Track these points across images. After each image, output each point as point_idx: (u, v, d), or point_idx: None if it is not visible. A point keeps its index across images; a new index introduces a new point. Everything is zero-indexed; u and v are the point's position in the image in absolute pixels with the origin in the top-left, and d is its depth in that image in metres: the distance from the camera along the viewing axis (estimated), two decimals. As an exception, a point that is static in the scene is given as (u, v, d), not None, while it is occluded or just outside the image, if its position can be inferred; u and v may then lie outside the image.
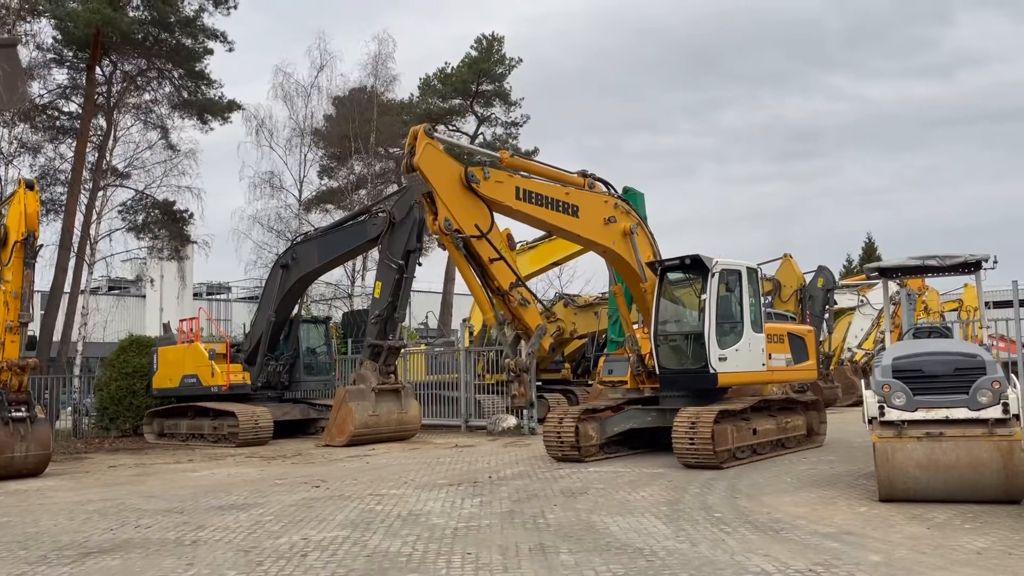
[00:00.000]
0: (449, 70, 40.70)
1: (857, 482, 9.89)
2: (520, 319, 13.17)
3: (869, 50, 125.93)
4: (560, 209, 12.50)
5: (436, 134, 12.41)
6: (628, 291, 14.09)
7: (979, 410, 8.17)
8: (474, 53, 40.62)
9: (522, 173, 12.73)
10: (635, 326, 13.87)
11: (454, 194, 11.92)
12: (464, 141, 40.14)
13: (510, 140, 42.02)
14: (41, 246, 13.62)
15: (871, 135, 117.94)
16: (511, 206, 12.27)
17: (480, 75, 40.30)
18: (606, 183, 13.56)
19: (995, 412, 8.11)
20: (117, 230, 28.33)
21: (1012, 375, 9.16)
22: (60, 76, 27.16)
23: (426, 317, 32.89)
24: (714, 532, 7.26)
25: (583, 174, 13.38)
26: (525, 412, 18.39)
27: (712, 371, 12.05)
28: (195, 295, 48.75)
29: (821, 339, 23.16)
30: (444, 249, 14.02)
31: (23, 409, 12.81)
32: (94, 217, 26.94)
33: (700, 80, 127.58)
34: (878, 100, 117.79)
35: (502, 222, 13.21)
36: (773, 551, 6.51)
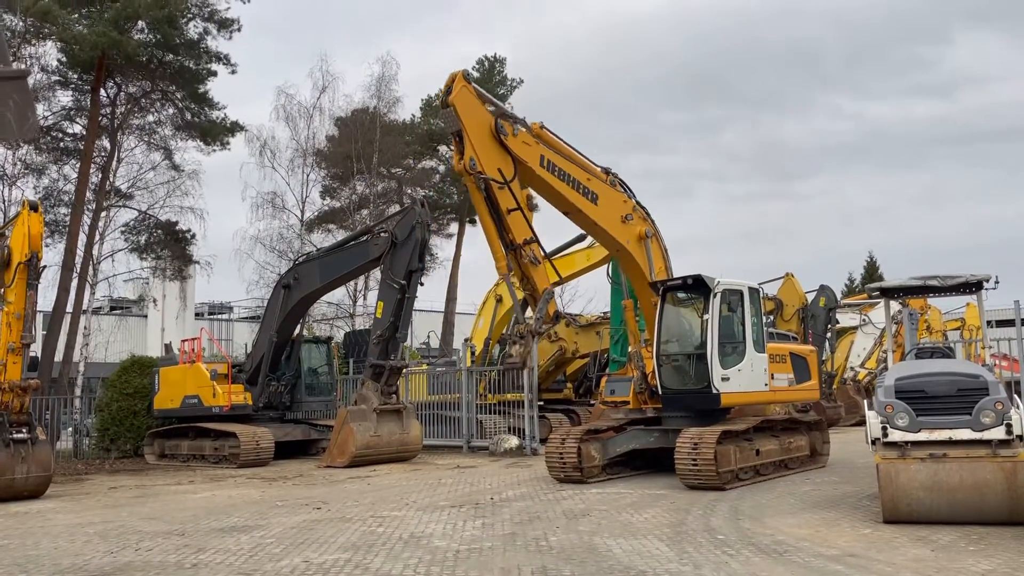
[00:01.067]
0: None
1: (860, 503, 9.84)
2: (529, 278, 12.76)
3: (868, 70, 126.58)
4: (580, 191, 12.68)
5: (473, 84, 12.57)
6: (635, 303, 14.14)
7: (982, 431, 8.15)
8: (476, 74, 40.88)
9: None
10: (643, 342, 13.86)
11: (482, 138, 12.02)
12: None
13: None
14: (44, 267, 13.64)
15: (871, 154, 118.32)
16: (534, 170, 12.39)
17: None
18: (627, 187, 13.64)
19: (998, 433, 8.09)
20: (120, 251, 28.47)
21: (1015, 395, 9.13)
22: (65, 98, 27.43)
23: (428, 337, 32.88)
24: (717, 555, 7.22)
25: (606, 171, 13.47)
26: (526, 432, 18.34)
27: (715, 391, 12.03)
28: (197, 315, 48.79)
29: (823, 359, 23.15)
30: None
31: (24, 431, 12.79)
32: (97, 238, 27.06)
33: (699, 100, 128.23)
34: (878, 119, 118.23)
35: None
36: (777, 573, 6.47)
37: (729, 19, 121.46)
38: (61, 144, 27.36)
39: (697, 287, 12.58)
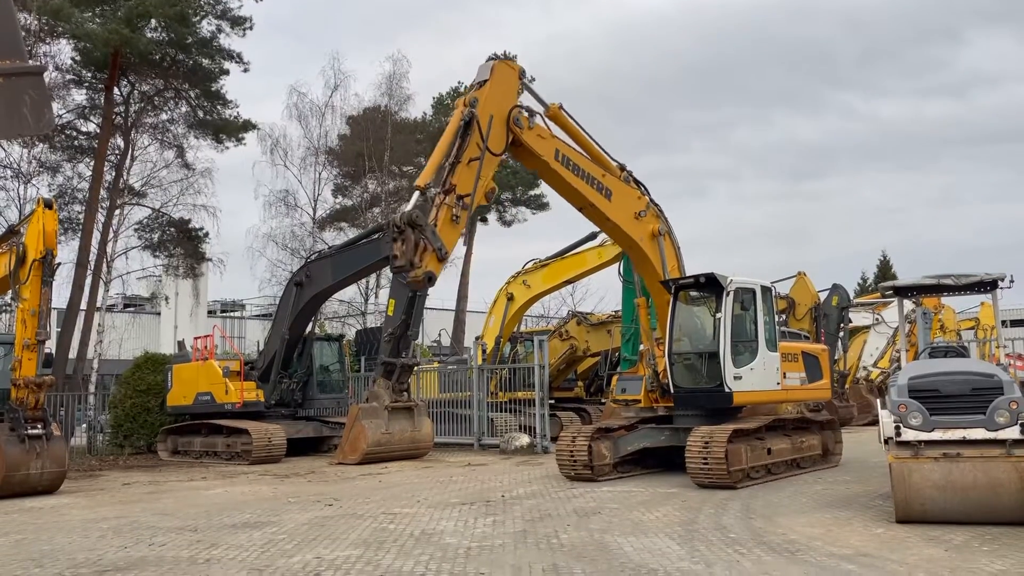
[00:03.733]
0: (463, 89, 40.97)
1: (873, 503, 9.79)
2: (440, 232, 11.99)
3: (882, 69, 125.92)
4: (594, 186, 12.66)
5: (524, 79, 12.67)
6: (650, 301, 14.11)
7: (997, 431, 8.09)
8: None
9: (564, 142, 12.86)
10: (657, 342, 13.83)
11: (493, 98, 12.16)
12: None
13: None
14: (59, 264, 13.73)
15: (885, 154, 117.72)
16: (548, 163, 12.40)
17: (493, 94, 40.51)
18: (641, 184, 13.61)
19: (1013, 433, 8.03)
20: (133, 248, 28.66)
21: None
22: (79, 96, 27.61)
23: (439, 335, 32.92)
24: (729, 553, 7.20)
25: (622, 167, 13.44)
26: (537, 430, 18.33)
27: (727, 390, 12.00)
28: (209, 313, 49.04)
29: (836, 358, 23.04)
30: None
31: (39, 426, 12.88)
32: (111, 235, 27.24)
33: (712, 100, 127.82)
34: (891, 119, 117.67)
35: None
36: (789, 573, 6.45)
37: (741, 18, 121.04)
38: (75, 142, 27.54)
39: (710, 285, 12.55)
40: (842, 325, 23.95)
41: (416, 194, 12.13)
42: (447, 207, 11.82)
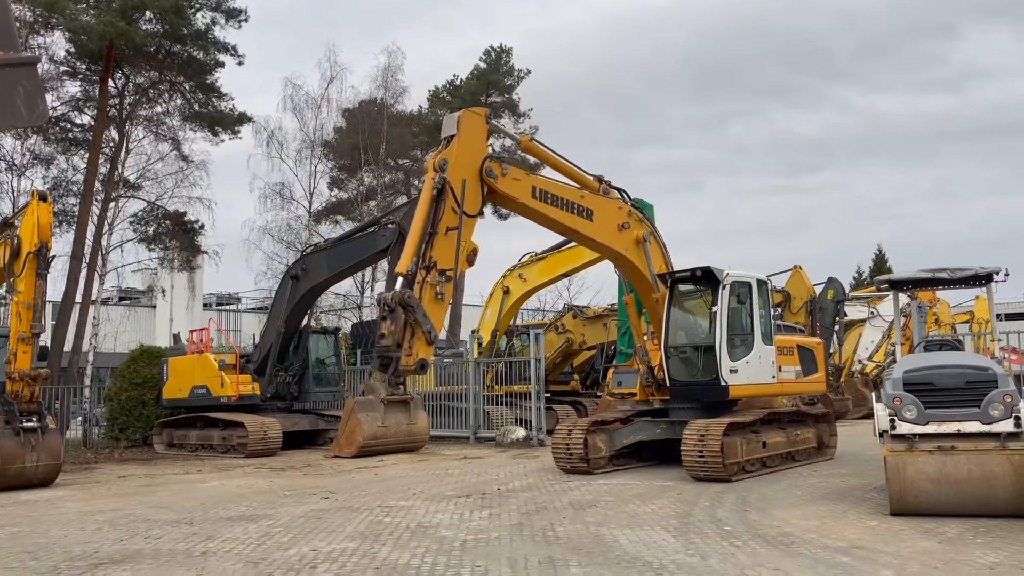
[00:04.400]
0: (458, 82, 40.90)
1: (868, 496, 9.83)
2: (428, 311, 11.53)
3: (878, 64, 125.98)
4: (575, 211, 12.47)
5: (493, 121, 12.38)
6: (638, 301, 14.07)
7: (991, 424, 8.12)
8: (483, 65, 40.81)
9: (539, 174, 12.64)
10: (646, 337, 13.85)
11: (464, 158, 11.82)
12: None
13: (518, 152, 42.08)
14: (53, 257, 13.68)
15: (881, 148, 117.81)
16: (526, 203, 12.22)
17: (489, 86, 40.46)
18: (621, 191, 13.57)
19: (1007, 426, 8.06)
20: (128, 241, 28.62)
21: (1024, 388, 9.09)
22: (73, 88, 27.54)
23: (435, 328, 32.89)
24: (724, 546, 7.23)
25: (599, 179, 13.38)
26: (533, 423, 18.36)
27: (723, 383, 12.03)
28: (205, 306, 48.93)
29: (831, 351, 23.07)
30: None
31: (34, 419, 12.85)
32: (106, 228, 27.17)
33: (709, 93, 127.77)
34: (888, 113, 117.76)
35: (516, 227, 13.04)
36: (783, 565, 6.47)
37: (738, 11, 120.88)
38: (70, 135, 27.45)
39: (706, 279, 12.56)
40: (837, 319, 23.99)
41: (400, 280, 11.67)
42: (430, 285, 11.42)
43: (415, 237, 11.43)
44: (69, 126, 27.43)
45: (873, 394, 9.91)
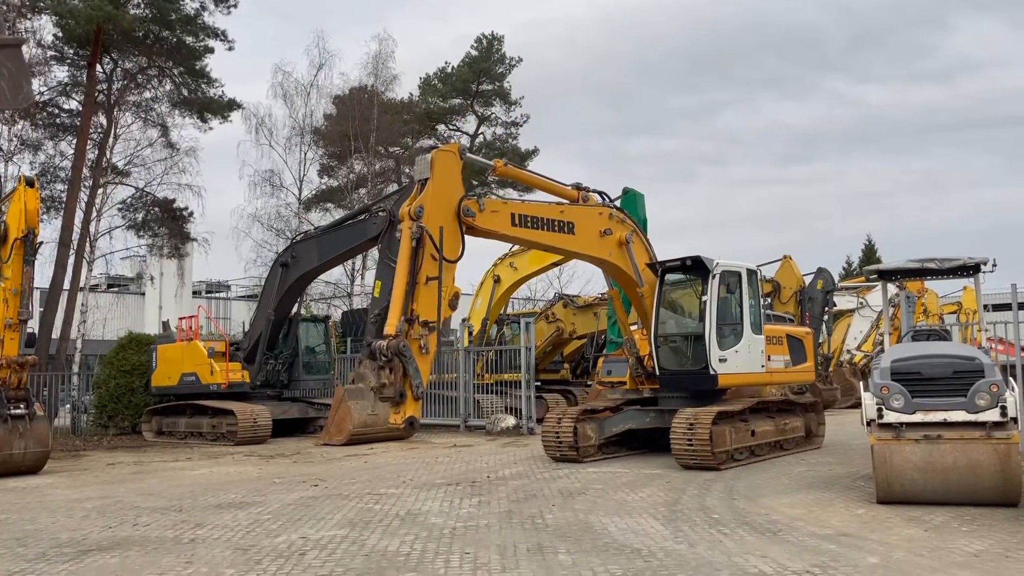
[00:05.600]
0: (449, 69, 40.72)
1: (855, 484, 9.90)
2: (411, 352, 11.01)
3: (868, 55, 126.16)
4: (556, 229, 12.36)
5: (469, 155, 12.21)
6: (624, 295, 14.06)
7: (977, 413, 8.17)
8: (474, 52, 40.63)
9: (515, 198, 12.51)
10: (633, 327, 13.87)
11: (439, 201, 11.45)
12: (465, 140, 40.21)
13: (510, 140, 42.03)
14: (41, 243, 13.60)
15: (871, 139, 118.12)
16: (507, 234, 12.17)
17: (480, 74, 40.32)
18: (600, 193, 13.53)
19: (993, 415, 8.12)
20: (117, 227, 28.39)
21: (1010, 378, 9.16)
22: (61, 73, 27.21)
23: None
24: (712, 533, 7.27)
25: (577, 187, 13.36)
26: (523, 412, 18.40)
27: (712, 372, 12.07)
28: (194, 293, 48.69)
29: (820, 341, 23.15)
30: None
31: (22, 406, 12.80)
32: (94, 214, 26.96)
33: (700, 84, 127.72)
34: (878, 104, 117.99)
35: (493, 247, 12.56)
36: (771, 552, 6.52)
37: (731, 3, 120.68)
38: (57, 120, 27.17)
39: (696, 268, 12.58)
40: (827, 308, 24.05)
41: (389, 340, 11.08)
42: (414, 340, 11.04)
43: (400, 293, 11.09)
44: (57, 111, 27.15)
45: (861, 383, 9.95)
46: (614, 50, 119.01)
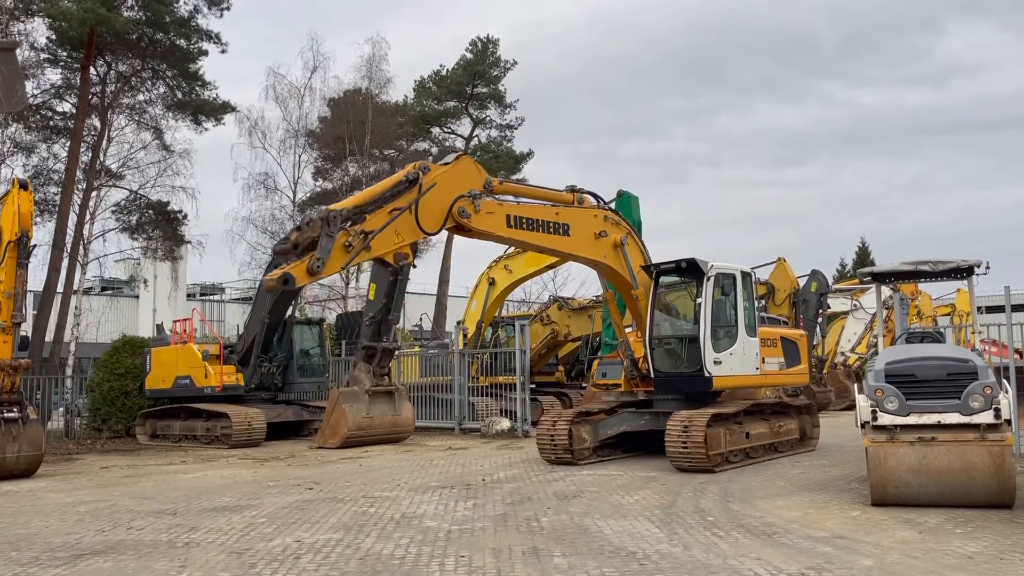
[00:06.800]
0: (444, 72, 40.73)
1: (849, 486, 9.92)
2: (336, 236, 11.03)
3: (862, 59, 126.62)
4: (551, 230, 12.44)
5: (491, 192, 12.42)
6: (619, 297, 14.07)
7: (971, 415, 8.19)
8: (469, 55, 40.66)
9: (512, 199, 12.69)
10: (627, 330, 13.88)
11: (447, 183, 11.96)
12: (459, 143, 40.25)
13: (504, 143, 42.04)
14: (34, 246, 13.58)
15: (864, 142, 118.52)
16: (503, 235, 12.29)
17: (475, 77, 40.35)
18: (595, 195, 13.55)
19: (987, 417, 8.14)
20: (111, 230, 28.30)
21: (1004, 380, 9.19)
22: (54, 76, 27.14)
23: (420, 319, 32.86)
24: (707, 536, 7.27)
25: (571, 190, 13.39)
26: (518, 414, 18.39)
27: (707, 374, 12.09)
28: (189, 296, 48.62)
29: (814, 343, 23.21)
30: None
31: (15, 410, 12.76)
32: (87, 217, 26.86)
33: (695, 86, 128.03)
34: (871, 107, 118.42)
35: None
36: (766, 555, 6.52)
37: (725, 6, 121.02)
38: (51, 123, 27.10)
39: (691, 270, 12.60)
40: (821, 311, 24.11)
41: (330, 210, 11.31)
42: (346, 232, 11.17)
43: (363, 198, 11.36)
44: (50, 114, 27.07)
45: (855, 386, 9.98)
46: (609, 52, 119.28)
